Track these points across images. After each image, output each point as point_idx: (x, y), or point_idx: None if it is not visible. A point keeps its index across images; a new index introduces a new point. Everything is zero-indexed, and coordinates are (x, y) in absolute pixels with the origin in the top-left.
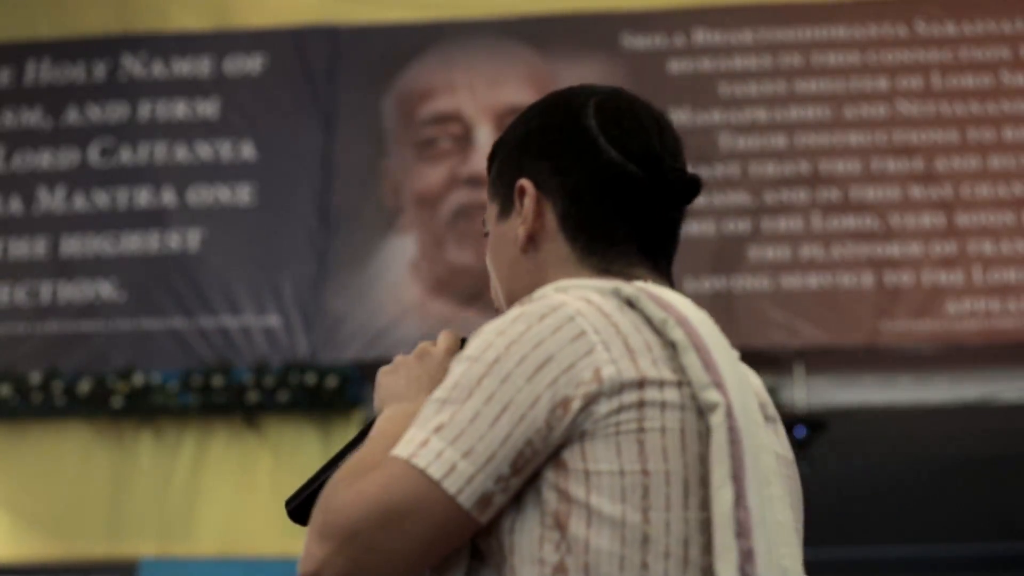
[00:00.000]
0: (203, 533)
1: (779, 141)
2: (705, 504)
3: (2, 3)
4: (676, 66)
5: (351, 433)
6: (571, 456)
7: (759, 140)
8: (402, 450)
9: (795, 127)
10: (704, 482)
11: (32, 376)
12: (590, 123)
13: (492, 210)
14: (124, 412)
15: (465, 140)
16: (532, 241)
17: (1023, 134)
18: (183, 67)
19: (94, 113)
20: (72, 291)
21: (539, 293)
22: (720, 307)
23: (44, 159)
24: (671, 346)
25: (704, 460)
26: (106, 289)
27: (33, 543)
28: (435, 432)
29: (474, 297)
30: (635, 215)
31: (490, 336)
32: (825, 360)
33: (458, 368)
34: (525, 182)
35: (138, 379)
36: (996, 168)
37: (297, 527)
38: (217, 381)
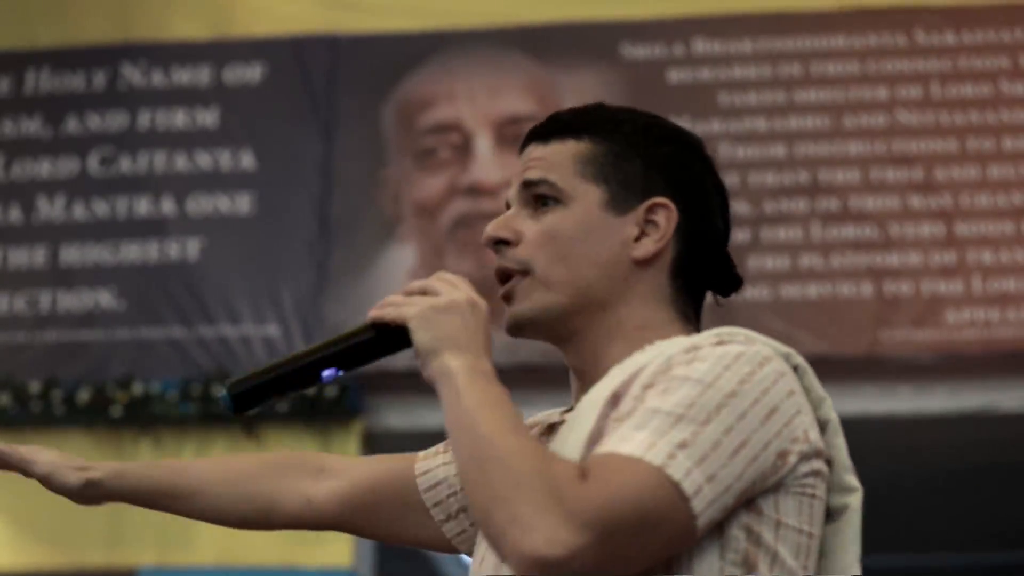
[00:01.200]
0: (202, 542)
1: (778, 151)
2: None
3: (1, 12)
4: (675, 76)
5: (351, 442)
6: (766, 503)
7: (758, 149)
8: (650, 455)
9: (794, 136)
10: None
11: (31, 385)
12: (715, 184)
13: (591, 190)
14: (124, 421)
15: (465, 149)
16: (647, 261)
17: (1022, 144)
18: (183, 76)
19: (94, 122)
20: (71, 300)
21: (731, 331)
22: (719, 317)
23: (43, 168)
24: (823, 424)
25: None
26: (105, 298)
27: (32, 552)
28: (679, 448)
29: None
30: (715, 283)
31: (716, 367)
32: (824, 369)
33: (688, 387)
34: (670, 204)
35: (137, 388)
36: (995, 178)
37: (295, 536)
38: (217, 390)
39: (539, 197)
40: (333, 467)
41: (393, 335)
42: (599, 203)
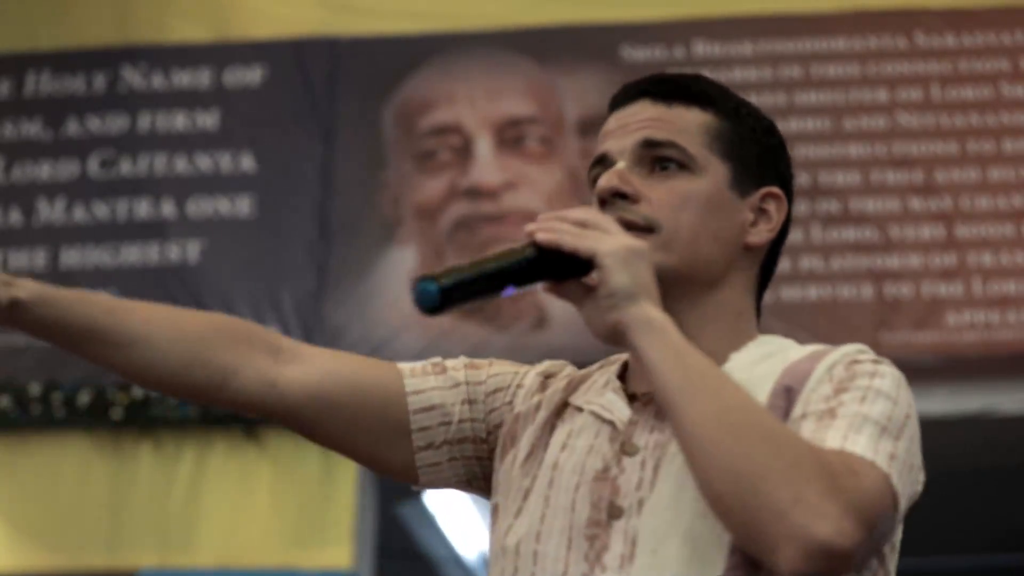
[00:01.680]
0: (203, 544)
1: None
2: None
3: (1, 14)
4: None
5: None
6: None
7: None
8: (879, 461)
9: (795, 139)
10: None
11: (32, 387)
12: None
13: (719, 166)
14: (124, 424)
15: (465, 152)
16: (754, 248)
17: (1023, 146)
18: (183, 79)
19: (94, 124)
20: None
21: (861, 348)
22: None
23: (44, 170)
24: None
25: None
26: None
27: (32, 554)
28: (891, 459)
29: (473, 309)
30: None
31: (896, 385)
32: None
33: (883, 401)
34: (782, 196)
35: (138, 391)
36: (996, 180)
37: (295, 538)
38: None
39: (663, 159)
40: (294, 351)
41: (560, 263)
42: (726, 180)
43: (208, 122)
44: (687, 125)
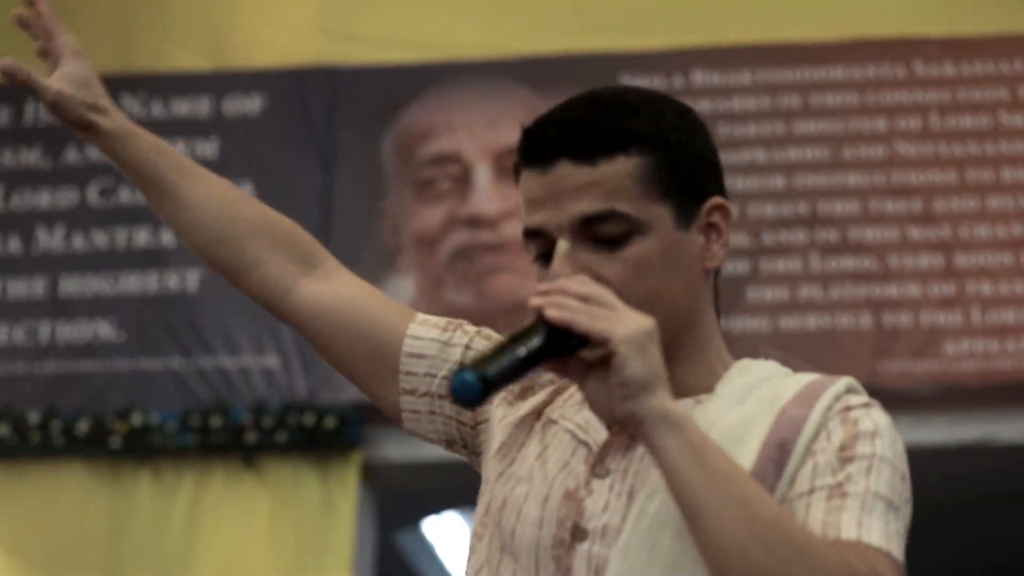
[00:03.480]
0: (201, 573)
1: (777, 182)
2: None
3: (0, 43)
4: None
5: (350, 473)
6: None
7: (757, 181)
8: (893, 549)
9: (794, 168)
10: None
11: (30, 416)
12: None
13: (662, 211)
14: (122, 452)
15: (464, 181)
16: (713, 268)
17: (1022, 175)
18: (182, 107)
19: (93, 153)
20: (71, 331)
21: (851, 385)
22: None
23: (43, 199)
24: None
25: None
26: (105, 329)
27: None
28: (900, 539)
29: None
30: None
31: (893, 443)
32: None
33: (888, 469)
34: (722, 202)
35: (136, 419)
36: (994, 209)
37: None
38: (215, 421)
39: (603, 231)
40: (330, 271)
41: (563, 339)
42: (672, 222)
43: (207, 151)
44: (619, 181)
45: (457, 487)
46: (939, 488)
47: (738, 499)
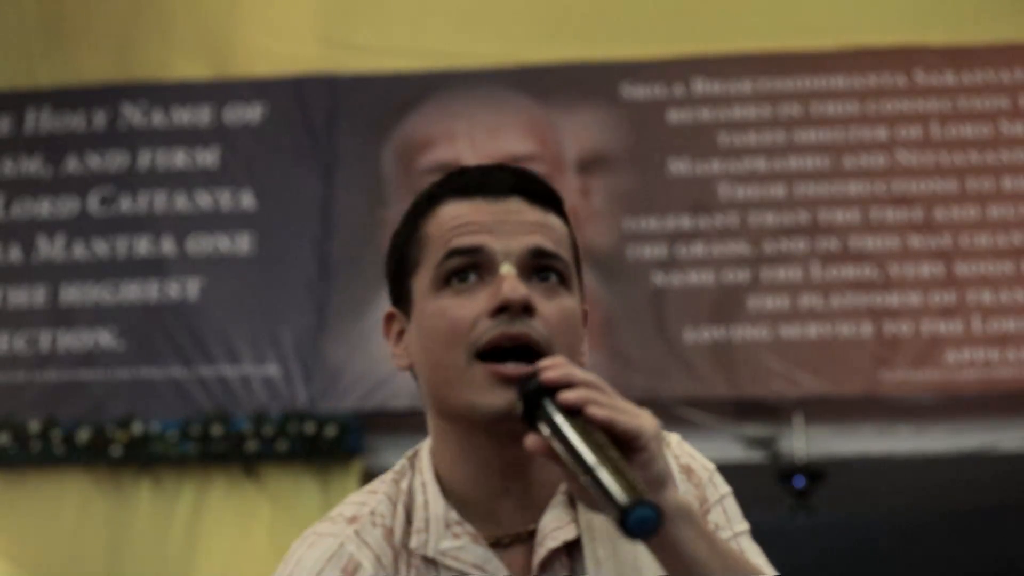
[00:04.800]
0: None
1: (778, 191)
2: None
3: (2, 51)
4: (675, 116)
5: (350, 482)
6: None
7: (758, 190)
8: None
9: (794, 177)
10: None
11: (31, 424)
12: None
13: (576, 281)
14: (123, 461)
15: None
16: None
17: (1022, 184)
18: (183, 116)
19: (94, 162)
20: (71, 340)
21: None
22: (719, 357)
23: (44, 207)
24: None
25: None
26: (105, 338)
27: None
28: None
29: None
30: None
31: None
32: (824, 410)
33: (731, 499)
34: (586, 309)
35: (137, 428)
36: (995, 218)
37: None
38: (216, 430)
39: (545, 270)
40: None
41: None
42: (579, 294)
43: (208, 159)
44: (562, 235)
45: None
46: (940, 497)
47: None
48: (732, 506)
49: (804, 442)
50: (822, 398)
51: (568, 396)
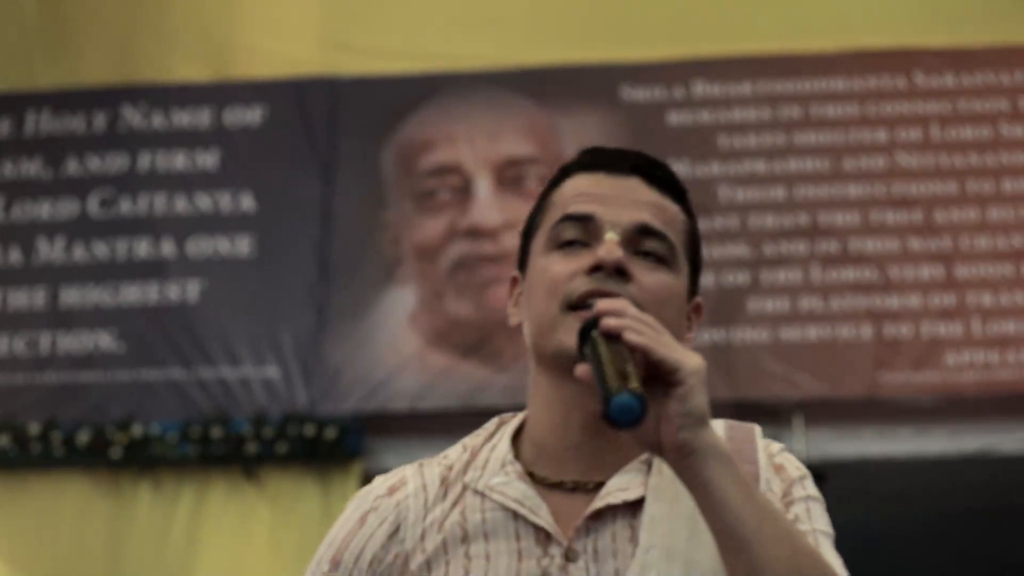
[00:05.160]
0: None
1: (778, 193)
2: None
3: (2, 53)
4: (675, 118)
5: (350, 484)
6: None
7: (758, 192)
8: None
9: (794, 179)
10: None
11: (31, 427)
12: None
13: (685, 270)
14: (123, 463)
15: (464, 192)
16: None
17: (1022, 186)
18: (183, 118)
19: (94, 164)
20: (71, 342)
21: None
22: (719, 359)
23: (44, 209)
24: None
25: None
26: (105, 340)
27: None
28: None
29: (473, 349)
30: None
31: (812, 481)
32: (824, 412)
33: (822, 509)
34: (702, 307)
35: (137, 430)
36: (995, 220)
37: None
38: (216, 432)
39: (649, 249)
40: None
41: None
42: (686, 284)
43: (208, 162)
44: (674, 219)
45: None
46: (940, 499)
47: (783, 533)
48: (818, 509)
49: (804, 444)
50: (822, 400)
51: (609, 322)
